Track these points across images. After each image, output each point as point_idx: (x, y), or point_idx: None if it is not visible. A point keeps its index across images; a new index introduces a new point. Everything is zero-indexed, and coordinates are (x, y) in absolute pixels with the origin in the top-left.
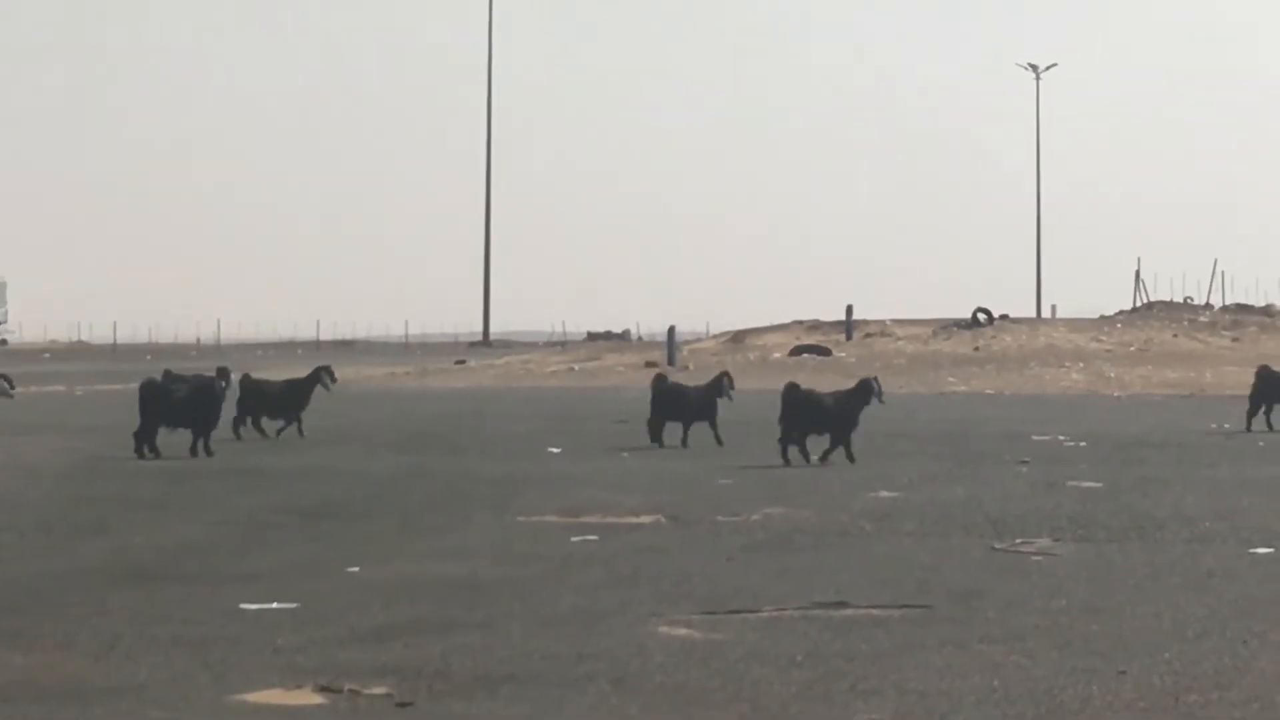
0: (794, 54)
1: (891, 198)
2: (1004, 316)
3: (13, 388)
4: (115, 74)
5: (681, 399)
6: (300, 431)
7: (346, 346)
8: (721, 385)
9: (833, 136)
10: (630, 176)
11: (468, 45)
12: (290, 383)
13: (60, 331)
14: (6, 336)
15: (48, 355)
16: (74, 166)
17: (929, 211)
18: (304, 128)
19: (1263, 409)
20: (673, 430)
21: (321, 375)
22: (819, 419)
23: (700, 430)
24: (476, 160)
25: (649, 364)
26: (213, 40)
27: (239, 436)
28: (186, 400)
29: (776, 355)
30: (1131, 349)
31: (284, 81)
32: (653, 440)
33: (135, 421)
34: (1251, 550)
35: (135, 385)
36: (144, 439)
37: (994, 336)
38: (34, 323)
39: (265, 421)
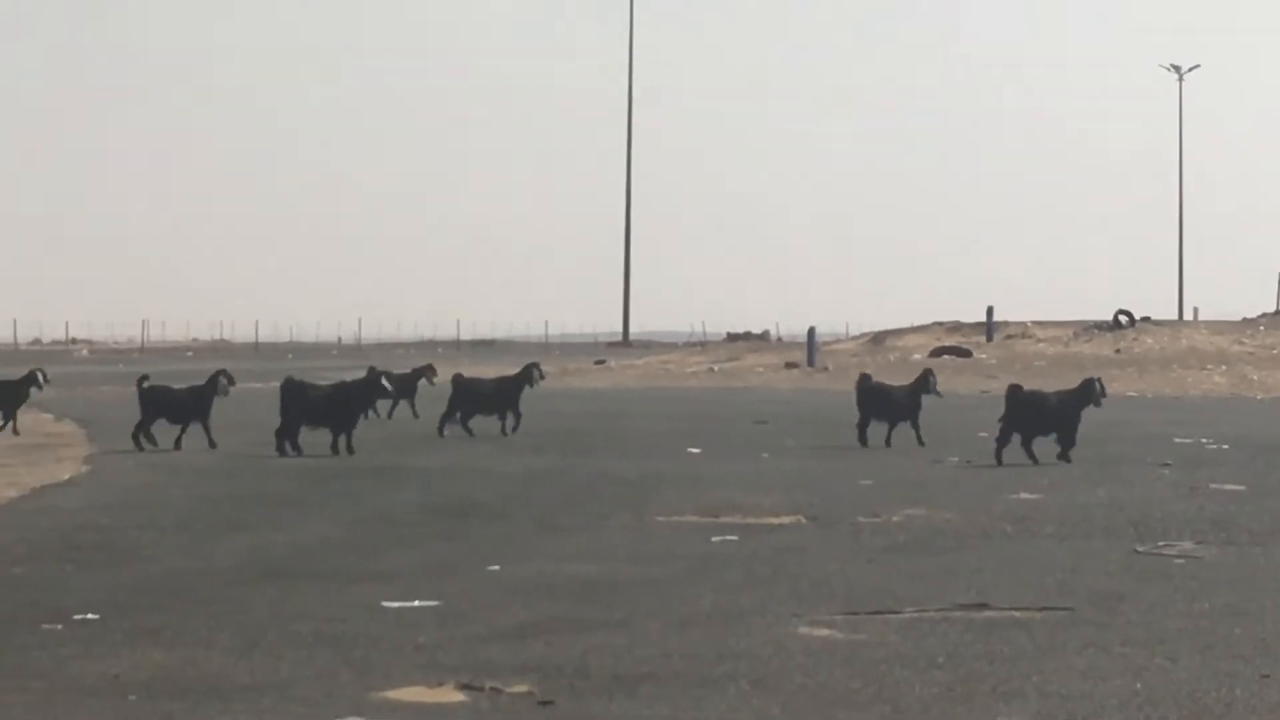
0: (933, 57)
1: (1033, 199)
2: (1145, 319)
3: (232, 384)
4: (253, 71)
5: (887, 398)
6: (517, 424)
7: (486, 346)
8: (928, 382)
9: (973, 138)
10: (771, 177)
11: (609, 45)
12: (502, 380)
13: (202, 330)
14: None
15: (190, 354)
16: (216, 167)
17: (1071, 213)
18: (445, 128)
19: None
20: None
21: (531, 372)
22: (1045, 420)
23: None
24: (617, 160)
25: (789, 364)
26: (344, 37)
27: (452, 431)
28: (326, 399)
29: (916, 356)
30: (1274, 352)
31: (426, 81)
32: (862, 441)
33: (276, 420)
34: None
35: (277, 384)
36: (285, 437)
37: (1135, 339)
38: (177, 321)
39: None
